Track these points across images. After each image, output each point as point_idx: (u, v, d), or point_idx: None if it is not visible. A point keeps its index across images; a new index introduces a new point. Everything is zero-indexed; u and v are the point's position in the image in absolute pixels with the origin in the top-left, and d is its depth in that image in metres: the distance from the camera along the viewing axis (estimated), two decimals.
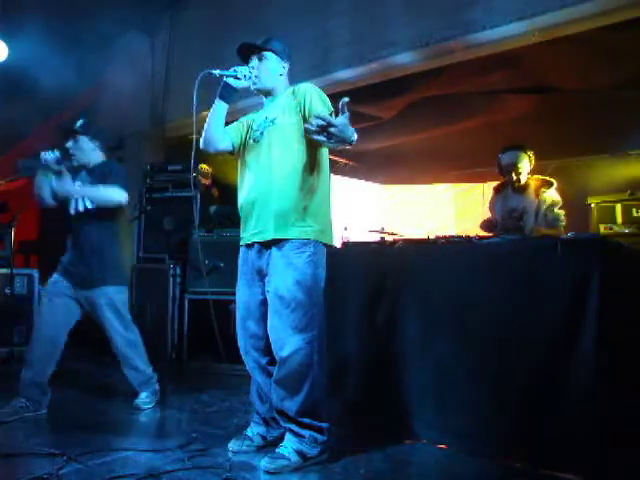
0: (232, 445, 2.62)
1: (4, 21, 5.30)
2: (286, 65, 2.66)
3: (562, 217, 3.64)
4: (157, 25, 5.91)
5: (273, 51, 2.61)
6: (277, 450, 2.45)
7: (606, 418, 2.26)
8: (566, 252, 2.39)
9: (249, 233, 2.61)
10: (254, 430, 2.67)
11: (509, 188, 3.83)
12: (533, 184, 3.76)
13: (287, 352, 2.42)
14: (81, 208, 3.29)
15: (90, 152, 3.40)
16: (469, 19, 3.70)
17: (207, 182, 5.39)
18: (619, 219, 4.02)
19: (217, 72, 2.52)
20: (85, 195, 3.26)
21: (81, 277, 3.28)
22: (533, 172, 3.82)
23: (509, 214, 3.78)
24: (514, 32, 3.61)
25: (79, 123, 3.40)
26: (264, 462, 2.39)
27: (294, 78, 2.67)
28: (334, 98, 2.52)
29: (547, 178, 3.79)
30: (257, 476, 2.34)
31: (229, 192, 5.91)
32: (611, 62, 4.30)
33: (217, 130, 2.62)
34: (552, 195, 3.71)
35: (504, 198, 3.85)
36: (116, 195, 3.21)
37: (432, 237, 3.02)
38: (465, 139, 5.63)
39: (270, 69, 2.61)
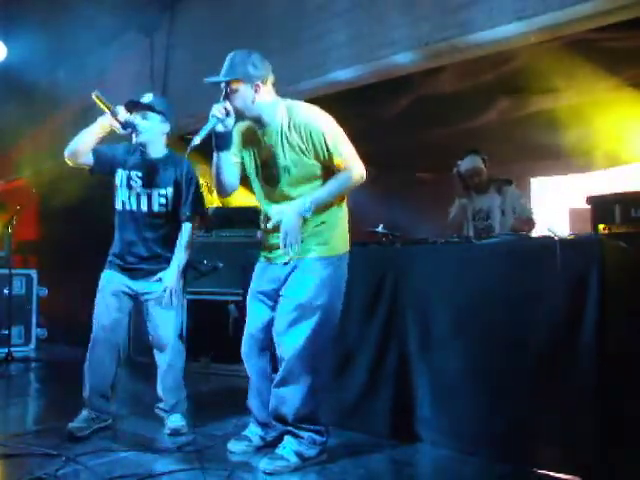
0: (231, 446, 2.62)
1: (4, 21, 5.30)
2: (258, 87, 2.39)
3: (529, 207, 3.99)
4: (156, 25, 5.90)
5: (238, 80, 2.37)
6: (276, 451, 2.44)
7: (606, 418, 2.26)
8: (565, 252, 2.39)
9: (272, 252, 2.56)
10: (253, 431, 2.67)
11: (472, 192, 4.05)
12: (493, 184, 4.01)
13: (290, 356, 2.42)
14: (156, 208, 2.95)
15: (158, 135, 2.93)
16: (468, 19, 3.70)
17: (205, 182, 5.39)
18: (618, 219, 4.02)
19: (199, 139, 2.30)
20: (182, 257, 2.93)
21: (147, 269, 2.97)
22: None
23: (476, 216, 4.03)
24: (513, 32, 3.61)
25: (151, 97, 2.89)
26: (263, 463, 2.38)
27: (294, 78, 2.64)
28: (334, 98, 2.52)
29: (505, 178, 4.08)
30: (256, 476, 2.34)
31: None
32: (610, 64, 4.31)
33: (230, 177, 2.53)
34: (515, 190, 4.03)
35: (470, 202, 4.07)
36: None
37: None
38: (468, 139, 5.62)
39: (242, 101, 2.39)
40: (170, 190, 2.93)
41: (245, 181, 2.68)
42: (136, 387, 3.23)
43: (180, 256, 2.94)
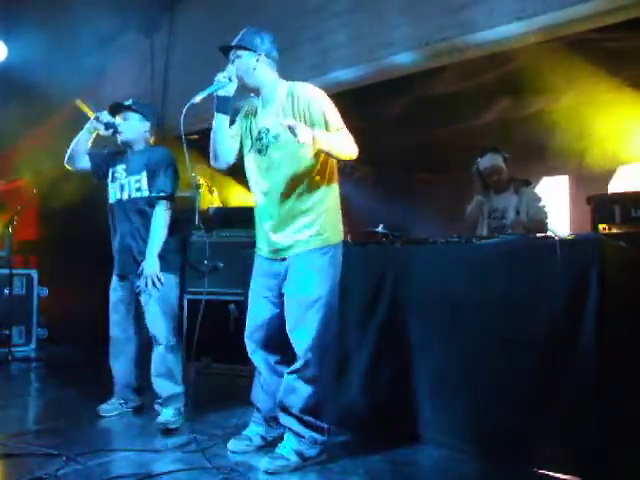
0: (231, 445, 2.62)
1: (4, 21, 5.30)
2: (260, 57, 2.50)
3: (544, 210, 3.82)
4: (157, 25, 5.90)
5: (243, 47, 2.51)
6: (276, 450, 2.45)
7: (606, 418, 2.26)
8: (565, 252, 2.39)
9: (267, 249, 2.59)
10: (253, 430, 2.67)
11: (491, 191, 3.96)
12: (512, 184, 3.91)
13: (304, 349, 2.43)
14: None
15: (138, 133, 3.18)
16: (468, 19, 3.70)
17: (205, 182, 5.39)
18: (618, 219, 4.02)
19: (199, 97, 2.42)
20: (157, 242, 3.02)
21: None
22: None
23: (492, 214, 3.95)
24: (513, 32, 3.61)
25: (130, 100, 3.21)
26: (263, 462, 2.39)
27: (294, 78, 2.65)
28: (334, 98, 2.53)
29: (525, 178, 3.97)
30: (256, 476, 2.34)
31: (228, 192, 5.92)
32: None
33: (225, 145, 2.58)
34: (532, 191, 3.93)
35: (488, 200, 3.98)
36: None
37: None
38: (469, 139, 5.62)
39: (244, 67, 2.51)
40: (144, 174, 3.08)
41: (245, 181, 2.68)
42: None
43: (154, 240, 3.03)
